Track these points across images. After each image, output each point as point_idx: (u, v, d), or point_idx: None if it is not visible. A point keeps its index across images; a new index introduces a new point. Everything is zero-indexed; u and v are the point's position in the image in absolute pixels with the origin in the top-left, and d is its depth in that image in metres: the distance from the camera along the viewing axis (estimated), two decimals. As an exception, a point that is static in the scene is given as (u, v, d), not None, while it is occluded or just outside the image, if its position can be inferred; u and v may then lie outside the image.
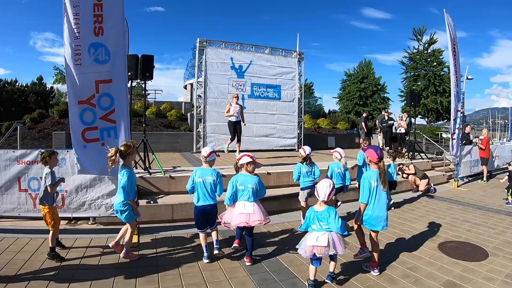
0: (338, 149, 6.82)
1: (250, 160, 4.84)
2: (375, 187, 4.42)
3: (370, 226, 4.49)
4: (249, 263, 4.67)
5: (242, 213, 4.63)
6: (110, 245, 4.75)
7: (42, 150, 5.04)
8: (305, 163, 6.20)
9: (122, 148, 4.61)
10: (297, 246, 4.13)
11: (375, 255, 4.51)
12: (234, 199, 4.79)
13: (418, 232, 6.25)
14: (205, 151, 4.98)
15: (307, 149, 6.23)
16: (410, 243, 5.62)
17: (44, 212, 4.74)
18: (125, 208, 4.65)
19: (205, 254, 4.76)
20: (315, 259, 3.98)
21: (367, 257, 4.65)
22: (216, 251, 4.87)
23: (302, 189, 6.26)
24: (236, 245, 5.21)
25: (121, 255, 4.69)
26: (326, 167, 6.71)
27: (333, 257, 4.15)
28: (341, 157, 6.61)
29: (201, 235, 4.86)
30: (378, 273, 4.42)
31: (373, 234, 4.56)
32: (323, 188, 4.04)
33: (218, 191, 4.90)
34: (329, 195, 4.04)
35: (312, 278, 4.03)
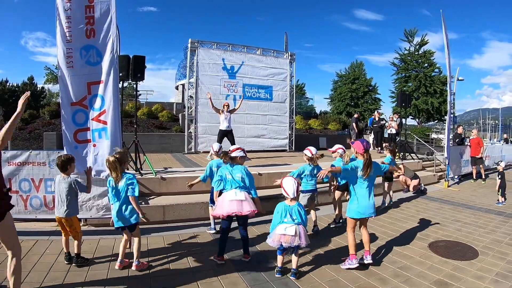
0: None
1: (243, 154, 4.93)
2: (361, 176, 4.51)
3: (359, 214, 4.56)
4: (247, 259, 4.78)
5: (233, 200, 4.57)
6: (117, 267, 4.50)
7: (59, 155, 4.87)
8: (310, 164, 5.99)
9: (118, 156, 4.45)
10: (267, 241, 4.40)
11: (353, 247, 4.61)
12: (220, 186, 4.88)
13: (409, 231, 6.30)
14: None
15: (313, 150, 5.98)
16: (400, 243, 5.66)
17: (72, 223, 4.55)
18: (133, 213, 4.50)
19: (212, 226, 6.02)
20: (280, 249, 4.31)
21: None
22: (211, 231, 5.98)
23: (302, 191, 5.91)
24: (222, 262, 4.72)
25: (133, 267, 4.44)
26: (324, 167, 6.55)
27: (295, 251, 4.28)
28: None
29: (210, 209, 5.93)
30: (357, 264, 4.48)
31: (350, 224, 4.68)
32: (290, 186, 4.33)
33: None
34: (297, 191, 4.37)
35: (279, 265, 4.40)
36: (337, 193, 6.65)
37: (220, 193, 4.90)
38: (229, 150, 5.02)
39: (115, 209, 4.44)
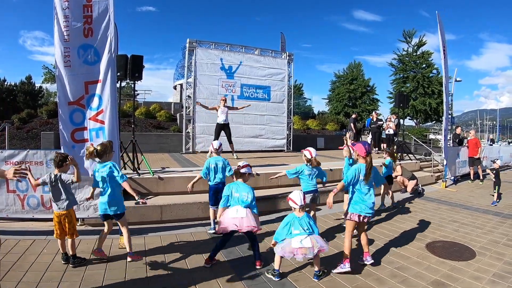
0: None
1: (251, 171, 4.99)
2: (362, 180, 4.50)
3: (359, 211, 4.55)
4: (259, 266, 4.62)
5: (235, 217, 4.55)
6: (94, 255, 4.65)
7: (56, 153, 4.85)
8: (309, 165, 5.85)
9: (98, 148, 4.55)
10: (275, 250, 4.32)
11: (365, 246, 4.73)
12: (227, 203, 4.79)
13: (406, 232, 6.30)
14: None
15: (313, 151, 5.83)
16: (398, 243, 5.66)
17: (71, 219, 4.56)
18: (119, 199, 4.68)
19: (212, 226, 5.96)
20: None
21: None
22: (211, 230, 5.94)
23: (304, 193, 5.61)
24: (208, 265, 4.65)
25: (129, 259, 4.56)
26: (324, 167, 6.43)
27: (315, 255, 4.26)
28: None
29: (211, 210, 5.91)
30: (349, 268, 4.43)
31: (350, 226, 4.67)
32: (297, 195, 4.36)
33: (227, 172, 5.79)
34: (304, 199, 4.37)
35: (277, 268, 4.32)
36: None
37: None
38: (238, 166, 4.94)
39: (101, 198, 4.63)
